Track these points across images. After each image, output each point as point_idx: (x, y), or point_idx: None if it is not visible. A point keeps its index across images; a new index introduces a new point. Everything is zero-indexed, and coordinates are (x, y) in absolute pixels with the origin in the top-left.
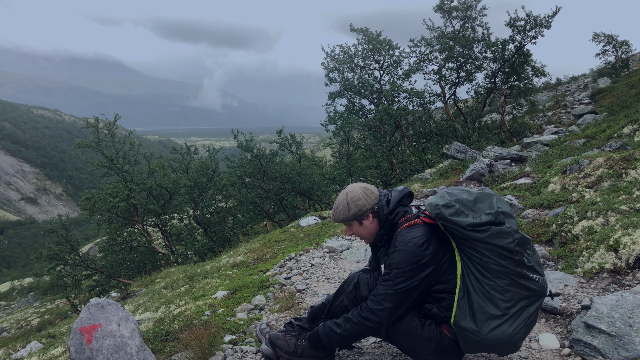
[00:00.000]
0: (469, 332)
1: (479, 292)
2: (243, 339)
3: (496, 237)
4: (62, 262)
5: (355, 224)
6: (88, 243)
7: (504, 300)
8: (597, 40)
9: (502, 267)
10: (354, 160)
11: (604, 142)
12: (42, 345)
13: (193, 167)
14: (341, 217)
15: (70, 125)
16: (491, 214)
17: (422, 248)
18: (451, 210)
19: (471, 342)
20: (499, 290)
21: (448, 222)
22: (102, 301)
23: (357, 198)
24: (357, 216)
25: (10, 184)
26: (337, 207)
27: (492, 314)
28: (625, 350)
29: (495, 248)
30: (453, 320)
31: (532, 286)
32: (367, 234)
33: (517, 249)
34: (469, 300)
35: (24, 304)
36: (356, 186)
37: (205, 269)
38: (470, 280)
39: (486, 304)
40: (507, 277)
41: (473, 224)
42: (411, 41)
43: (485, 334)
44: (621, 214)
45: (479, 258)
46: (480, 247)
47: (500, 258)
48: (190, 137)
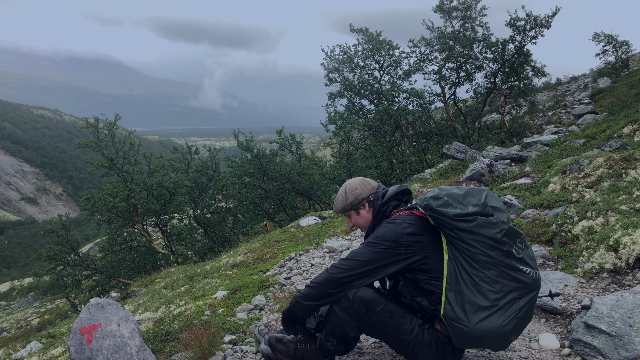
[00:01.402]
0: (458, 323)
1: (468, 283)
2: (243, 339)
3: (483, 227)
4: (62, 262)
5: (353, 214)
6: (88, 243)
7: (492, 292)
8: (597, 40)
9: (490, 258)
10: (354, 160)
11: (604, 142)
12: (42, 345)
13: (193, 167)
14: (340, 207)
15: (70, 125)
16: (478, 205)
17: (404, 229)
18: (439, 202)
19: (461, 334)
20: (487, 282)
21: (435, 213)
22: (102, 301)
23: (354, 187)
24: (354, 205)
25: (10, 184)
26: (337, 197)
27: (481, 304)
28: (625, 350)
29: (482, 238)
30: (442, 313)
31: (522, 278)
32: (364, 224)
33: (504, 239)
34: (457, 291)
35: (24, 304)
36: (355, 178)
37: (205, 269)
38: (459, 271)
39: (475, 295)
40: (496, 268)
41: (459, 214)
42: (411, 41)
43: (474, 324)
44: (621, 214)
45: (467, 249)
46: (467, 237)
47: (488, 249)
48: (190, 137)
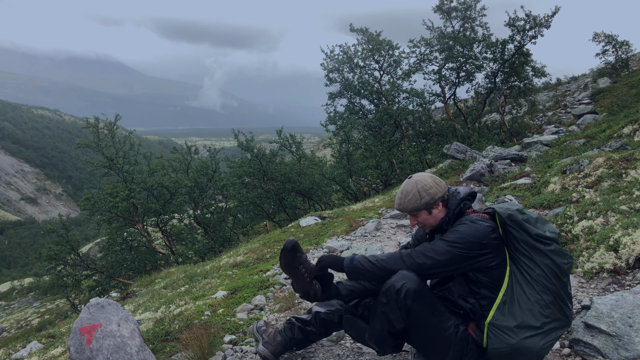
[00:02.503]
0: (505, 333)
1: (522, 301)
2: (243, 339)
3: (556, 254)
4: (62, 262)
5: (424, 213)
6: (88, 243)
7: (543, 316)
8: (597, 40)
9: (551, 284)
10: (354, 160)
11: (604, 142)
12: (42, 345)
13: (193, 167)
14: (411, 207)
15: (70, 125)
16: (555, 233)
17: (489, 231)
18: (524, 217)
19: (501, 344)
20: (542, 305)
21: (518, 227)
22: (102, 301)
23: (429, 187)
24: (428, 205)
25: (10, 184)
26: (406, 195)
27: (530, 324)
28: (625, 350)
29: (551, 264)
30: (490, 320)
31: (567, 312)
32: (434, 223)
33: (567, 272)
34: (511, 306)
35: (24, 304)
36: (424, 175)
37: (205, 269)
38: (516, 288)
39: (526, 313)
40: (552, 295)
41: (541, 235)
42: (411, 41)
43: (520, 339)
44: (621, 214)
45: (532, 270)
46: (538, 258)
47: (552, 275)
48: (190, 137)
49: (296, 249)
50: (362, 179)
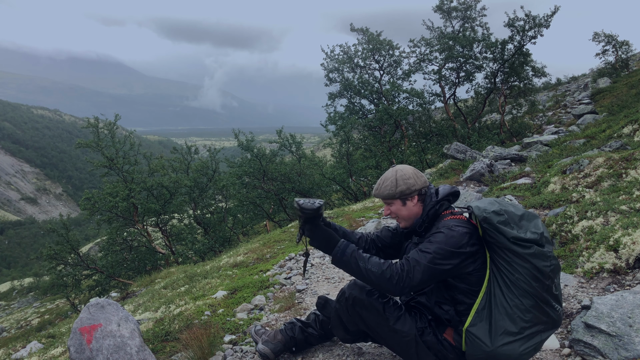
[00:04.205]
0: (480, 341)
1: (500, 306)
2: (243, 339)
3: (535, 257)
4: (62, 262)
5: (398, 203)
6: (88, 243)
7: (523, 320)
8: (597, 40)
9: (531, 288)
10: (354, 160)
11: (604, 142)
12: (42, 345)
13: (193, 167)
14: (386, 193)
15: (70, 125)
16: (537, 233)
17: (466, 238)
18: (500, 218)
19: (478, 351)
20: (521, 309)
21: (494, 229)
22: (102, 301)
23: (408, 177)
24: (403, 194)
25: (10, 184)
26: (384, 182)
27: (508, 330)
28: (625, 350)
29: (531, 268)
30: (467, 327)
31: (552, 314)
32: (406, 216)
33: (550, 274)
34: (489, 311)
35: (24, 304)
36: (406, 166)
37: (205, 269)
38: (495, 292)
39: (504, 319)
40: (533, 299)
41: (518, 238)
42: (411, 41)
43: (496, 346)
44: (621, 214)
45: (511, 273)
46: (516, 262)
47: (532, 279)
48: (190, 137)
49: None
50: (362, 179)
